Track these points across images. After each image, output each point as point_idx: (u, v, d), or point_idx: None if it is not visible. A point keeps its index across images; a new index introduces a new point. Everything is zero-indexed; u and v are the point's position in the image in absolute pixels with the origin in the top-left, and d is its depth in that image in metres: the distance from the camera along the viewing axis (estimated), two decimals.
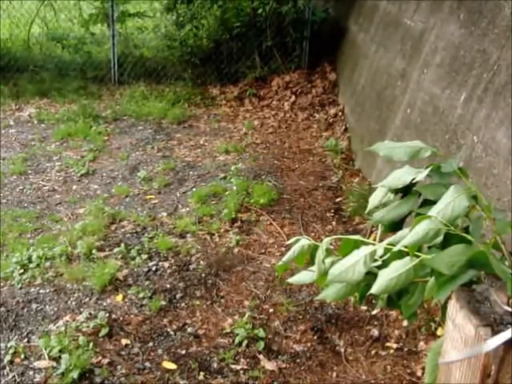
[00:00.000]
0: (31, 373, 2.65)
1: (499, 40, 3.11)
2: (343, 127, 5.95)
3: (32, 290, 3.25)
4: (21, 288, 3.26)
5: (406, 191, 1.41)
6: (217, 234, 3.91)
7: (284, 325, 3.05)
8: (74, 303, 3.15)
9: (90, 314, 3.04)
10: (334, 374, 2.73)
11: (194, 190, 4.59)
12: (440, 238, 1.19)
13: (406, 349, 2.89)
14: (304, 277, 1.42)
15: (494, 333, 1.07)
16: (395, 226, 1.42)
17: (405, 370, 2.75)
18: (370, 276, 1.25)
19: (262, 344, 2.88)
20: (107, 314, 3.03)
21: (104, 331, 2.91)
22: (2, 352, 2.76)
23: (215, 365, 2.75)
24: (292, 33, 7.20)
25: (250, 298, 3.26)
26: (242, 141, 5.70)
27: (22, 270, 3.39)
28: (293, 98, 6.79)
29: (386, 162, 4.26)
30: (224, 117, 6.46)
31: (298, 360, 2.81)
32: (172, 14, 7.59)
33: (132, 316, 3.07)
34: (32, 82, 7.07)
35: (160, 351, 2.83)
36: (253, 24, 7.23)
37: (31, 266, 3.43)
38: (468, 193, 1.21)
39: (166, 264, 3.55)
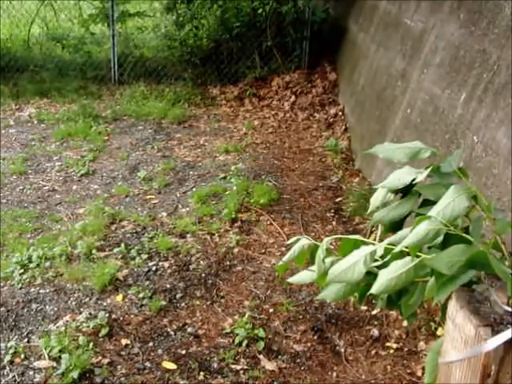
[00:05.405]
0: (31, 373, 2.65)
1: (499, 40, 3.11)
2: (343, 127, 5.95)
3: (32, 290, 3.25)
4: (21, 288, 3.26)
5: (406, 191, 1.42)
6: (217, 234, 3.91)
7: (284, 325, 3.05)
8: (73, 303, 3.15)
9: (90, 313, 3.04)
10: (334, 374, 2.74)
11: (193, 190, 4.58)
12: (440, 239, 1.19)
13: (406, 349, 2.89)
14: (304, 277, 1.42)
15: (494, 333, 1.07)
16: (395, 226, 1.42)
17: (405, 370, 2.75)
18: (370, 276, 1.25)
19: (261, 344, 2.88)
20: (107, 314, 3.03)
21: (104, 331, 2.91)
22: (2, 352, 2.76)
23: (215, 365, 2.75)
24: (292, 33, 7.20)
25: (250, 298, 3.26)
26: (242, 141, 5.70)
27: (21, 270, 3.39)
28: (293, 97, 6.78)
29: (385, 162, 4.26)
30: (224, 117, 6.46)
31: (298, 360, 2.81)
32: (172, 13, 7.59)
33: (132, 316, 3.07)
34: (32, 82, 7.07)
35: (160, 351, 2.83)
36: (253, 24, 7.23)
37: (31, 266, 3.43)
38: (468, 193, 1.21)
39: (166, 264, 3.55)
